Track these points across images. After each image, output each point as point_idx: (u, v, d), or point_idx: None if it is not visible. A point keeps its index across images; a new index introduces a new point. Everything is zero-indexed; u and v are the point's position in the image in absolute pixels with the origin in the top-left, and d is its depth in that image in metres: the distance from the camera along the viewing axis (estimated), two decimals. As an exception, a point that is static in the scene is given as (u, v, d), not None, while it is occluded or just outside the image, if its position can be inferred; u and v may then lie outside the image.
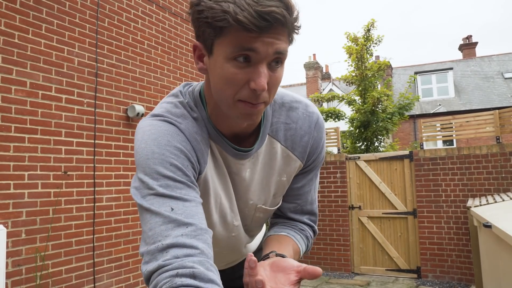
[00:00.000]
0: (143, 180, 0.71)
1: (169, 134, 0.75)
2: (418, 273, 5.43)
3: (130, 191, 0.77)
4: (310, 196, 0.97)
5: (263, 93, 0.69)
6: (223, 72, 0.68)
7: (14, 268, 2.76)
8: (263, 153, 0.87)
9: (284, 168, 0.90)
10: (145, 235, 0.68)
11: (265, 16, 0.62)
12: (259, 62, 0.66)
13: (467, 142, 14.16)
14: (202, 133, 0.80)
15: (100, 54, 3.57)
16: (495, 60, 18.29)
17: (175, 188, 0.70)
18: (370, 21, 9.28)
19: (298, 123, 0.88)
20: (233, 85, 0.68)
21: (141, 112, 3.76)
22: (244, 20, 0.61)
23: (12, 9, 2.88)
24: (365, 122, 8.73)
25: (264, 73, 0.67)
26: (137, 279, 3.74)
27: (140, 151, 0.74)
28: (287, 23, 0.65)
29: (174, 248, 0.64)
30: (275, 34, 0.65)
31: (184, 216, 0.67)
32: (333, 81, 19.38)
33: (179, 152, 0.74)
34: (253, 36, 0.64)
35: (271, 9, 0.62)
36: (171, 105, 0.81)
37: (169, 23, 4.39)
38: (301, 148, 0.89)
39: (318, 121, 0.90)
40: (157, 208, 0.68)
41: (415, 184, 5.49)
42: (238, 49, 0.65)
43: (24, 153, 2.91)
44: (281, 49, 0.67)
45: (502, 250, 2.61)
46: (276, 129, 0.87)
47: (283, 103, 0.88)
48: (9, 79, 2.85)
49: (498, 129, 6.55)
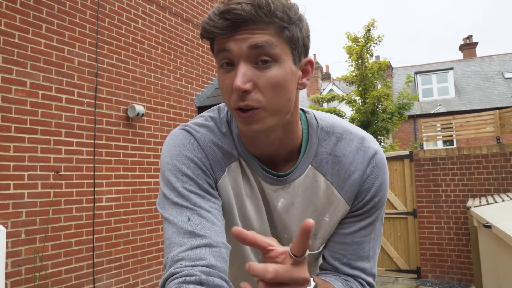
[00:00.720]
0: (162, 190, 0.75)
1: (182, 144, 0.76)
2: (418, 273, 5.43)
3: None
4: (361, 251, 0.78)
5: (252, 95, 0.64)
6: (218, 82, 0.70)
7: (14, 268, 2.76)
8: (303, 185, 0.78)
9: (327, 207, 0.79)
10: (164, 245, 0.71)
11: (225, 16, 0.62)
12: (237, 62, 0.65)
13: (467, 142, 14.15)
14: (227, 146, 0.79)
15: (100, 54, 3.57)
16: (495, 60, 18.29)
17: (190, 198, 0.72)
18: (371, 21, 9.28)
19: (349, 157, 0.77)
20: (225, 92, 0.68)
21: (141, 112, 3.76)
22: (207, 26, 0.64)
23: (12, 9, 2.88)
24: (365, 122, 8.73)
25: (242, 72, 0.63)
26: (136, 279, 3.74)
27: (160, 162, 0.78)
28: (256, 17, 0.62)
29: (185, 260, 0.65)
30: (248, 30, 0.63)
31: (200, 228, 0.69)
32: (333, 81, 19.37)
33: (189, 161, 0.75)
34: (226, 38, 0.65)
35: (230, 7, 0.62)
36: (202, 118, 0.83)
37: (169, 23, 4.39)
38: (348, 187, 0.77)
39: (375, 158, 0.77)
40: (174, 218, 0.70)
41: (415, 184, 5.49)
42: (217, 56, 0.67)
43: (24, 153, 2.91)
44: (257, 42, 0.63)
45: (502, 250, 2.61)
46: (321, 160, 0.78)
47: (333, 132, 0.79)
48: (9, 79, 2.85)
49: (498, 129, 6.55)
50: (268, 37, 0.63)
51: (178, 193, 0.72)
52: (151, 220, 3.96)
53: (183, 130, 0.79)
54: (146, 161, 3.95)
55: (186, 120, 4.53)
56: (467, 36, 20.79)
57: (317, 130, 0.79)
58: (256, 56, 0.64)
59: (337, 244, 0.80)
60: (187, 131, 0.79)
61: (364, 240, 0.79)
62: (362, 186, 0.77)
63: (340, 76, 9.89)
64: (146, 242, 3.88)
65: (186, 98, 4.57)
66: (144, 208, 3.89)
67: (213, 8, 0.66)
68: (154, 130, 4.08)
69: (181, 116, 4.47)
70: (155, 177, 4.05)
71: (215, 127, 0.80)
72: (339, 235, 0.80)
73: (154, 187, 4.03)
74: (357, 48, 9.13)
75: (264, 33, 0.63)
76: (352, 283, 0.78)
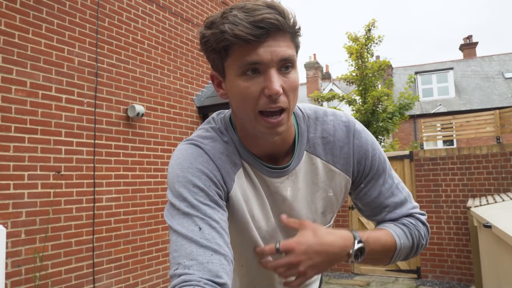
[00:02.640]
0: (171, 201, 0.76)
1: (192, 157, 0.79)
2: (418, 273, 5.43)
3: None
4: (397, 198, 0.88)
5: (281, 98, 0.70)
6: (237, 89, 0.72)
7: (14, 268, 2.76)
8: (303, 170, 0.85)
9: (329, 184, 0.87)
10: (171, 256, 0.71)
11: (259, 24, 0.66)
12: (267, 69, 0.69)
13: (467, 142, 14.15)
14: (232, 154, 0.82)
15: (100, 54, 3.56)
16: (495, 60, 18.28)
17: (200, 208, 0.73)
18: (371, 21, 9.28)
19: (336, 135, 0.86)
20: (250, 98, 0.71)
21: (141, 112, 3.76)
22: (240, 33, 0.66)
23: (12, 8, 2.88)
24: (365, 122, 8.73)
25: (276, 78, 0.69)
26: (136, 279, 3.74)
27: (168, 176, 0.79)
28: (284, 27, 0.69)
29: (198, 271, 0.66)
30: (275, 41, 0.69)
31: (211, 238, 0.70)
32: (333, 81, 19.37)
33: (200, 173, 0.77)
34: (254, 47, 0.68)
35: (263, 16, 0.66)
36: (203, 130, 0.86)
37: (169, 22, 4.39)
38: (342, 160, 0.86)
39: (355, 128, 0.87)
40: (184, 228, 0.71)
41: (415, 184, 5.49)
42: (244, 63, 0.69)
43: (24, 153, 2.91)
44: (286, 55, 0.69)
45: (502, 250, 2.61)
46: (313, 144, 0.86)
47: (316, 117, 0.88)
48: (9, 79, 2.85)
49: (498, 129, 6.55)
50: (290, 50, 0.71)
51: (188, 203, 0.73)
52: (151, 220, 3.96)
53: (191, 144, 0.81)
54: (146, 161, 3.95)
55: (186, 120, 4.53)
56: (467, 36, 20.79)
57: (304, 119, 0.87)
58: (282, 64, 0.70)
59: (377, 208, 0.89)
60: (194, 144, 0.81)
61: (392, 191, 0.88)
62: (357, 155, 0.86)
63: (340, 76, 9.89)
64: (146, 242, 3.88)
65: (186, 98, 4.56)
66: (144, 208, 3.89)
67: (230, 14, 0.67)
68: (154, 130, 4.08)
69: (181, 116, 4.47)
70: (155, 177, 4.05)
71: (218, 136, 0.83)
72: (372, 201, 0.88)
73: (154, 187, 4.03)
74: (357, 47, 9.13)
75: (286, 45, 0.70)
76: (401, 219, 0.88)
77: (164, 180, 4.14)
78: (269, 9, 0.67)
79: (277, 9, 0.68)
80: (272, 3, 0.69)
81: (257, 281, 0.96)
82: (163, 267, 4.06)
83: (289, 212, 0.87)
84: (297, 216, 0.88)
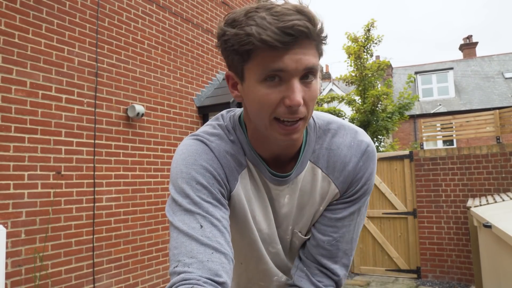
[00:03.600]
0: (174, 197, 0.75)
1: (197, 153, 0.78)
2: (418, 273, 5.43)
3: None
4: (348, 233, 0.86)
5: (300, 108, 0.68)
6: (256, 95, 0.69)
7: (14, 268, 2.76)
8: (303, 179, 0.84)
9: (324, 197, 0.86)
10: (171, 252, 0.71)
11: (288, 31, 0.63)
12: (290, 78, 0.67)
13: (467, 142, 14.15)
14: (237, 154, 0.81)
15: (100, 54, 3.56)
16: (495, 60, 18.29)
17: (203, 206, 0.73)
18: (370, 21, 9.28)
19: (343, 150, 0.83)
20: (268, 105, 0.69)
21: (141, 112, 3.76)
22: (268, 38, 0.62)
23: (12, 8, 2.88)
24: (365, 122, 8.73)
25: (298, 88, 0.67)
26: (136, 279, 3.74)
27: (172, 170, 0.78)
28: (312, 35, 0.66)
29: (198, 269, 0.66)
30: (302, 49, 0.65)
31: (212, 236, 0.70)
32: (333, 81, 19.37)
33: (204, 170, 0.76)
34: (280, 54, 0.65)
35: (293, 22, 0.62)
36: (210, 126, 0.85)
37: (169, 22, 4.39)
38: (343, 178, 0.83)
39: (367, 150, 0.83)
40: (185, 225, 0.71)
41: (415, 184, 5.49)
42: (267, 69, 0.66)
43: (24, 153, 2.91)
44: (310, 65, 0.66)
45: (502, 250, 2.61)
46: (318, 155, 0.84)
47: (328, 129, 0.85)
48: (9, 79, 2.85)
49: (498, 129, 6.55)
50: (315, 58, 0.68)
51: (191, 200, 0.73)
52: (151, 220, 3.96)
53: (196, 140, 0.80)
54: (146, 161, 3.95)
55: (186, 120, 4.53)
56: (467, 36, 20.78)
57: (315, 128, 0.85)
58: (305, 73, 0.68)
59: (329, 227, 0.86)
60: (200, 141, 0.80)
61: (350, 224, 0.86)
62: (355, 176, 0.83)
63: (340, 76, 9.89)
64: (146, 242, 3.88)
65: (186, 98, 4.56)
66: (144, 208, 3.89)
67: (257, 15, 0.64)
68: (154, 130, 4.08)
69: (181, 116, 4.47)
70: (155, 177, 4.05)
71: (224, 135, 0.82)
72: (331, 219, 0.86)
73: (154, 187, 4.03)
74: (355, 48, 9.13)
75: (311, 53, 0.67)
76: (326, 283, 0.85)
77: (164, 180, 4.14)
78: (299, 14, 0.64)
79: (307, 15, 0.65)
80: (301, 7, 0.65)
81: (256, 279, 0.97)
82: (163, 267, 4.06)
83: (285, 219, 0.87)
84: (291, 223, 0.88)
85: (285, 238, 0.91)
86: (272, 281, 0.95)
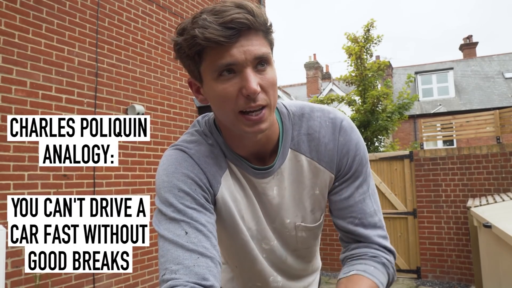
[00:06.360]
0: (159, 208, 0.77)
1: (177, 162, 0.79)
2: (418, 273, 5.43)
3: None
4: (366, 207, 0.84)
5: (260, 96, 0.70)
6: (215, 92, 0.72)
7: (14, 268, 2.76)
8: (288, 168, 0.85)
9: (315, 181, 0.86)
10: (159, 261, 0.73)
11: (229, 25, 0.66)
12: (242, 69, 0.69)
13: (467, 142, 14.16)
14: (217, 157, 0.82)
15: (100, 54, 3.57)
16: (495, 60, 18.29)
17: (187, 212, 0.74)
18: (370, 21, 9.29)
19: (321, 132, 0.84)
20: (228, 99, 0.70)
21: (141, 112, 3.76)
22: (211, 36, 0.65)
23: (12, 8, 2.88)
24: (365, 122, 8.73)
25: (252, 77, 0.68)
26: (136, 279, 3.74)
27: (156, 183, 0.81)
28: (254, 25, 0.68)
29: (185, 275, 0.68)
30: (248, 40, 0.68)
31: (197, 241, 0.71)
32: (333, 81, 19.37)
33: (186, 177, 0.77)
34: (227, 49, 0.67)
35: (233, 16, 0.65)
36: (188, 134, 0.87)
37: (169, 22, 4.39)
38: (327, 158, 0.84)
39: (342, 125, 0.84)
40: (170, 233, 0.72)
41: (415, 184, 5.49)
42: (218, 65, 0.69)
43: (24, 153, 2.91)
44: (260, 53, 0.69)
45: (502, 250, 2.61)
46: (298, 141, 0.84)
47: (302, 114, 0.86)
48: (9, 79, 2.85)
49: (498, 129, 6.56)
50: (264, 47, 0.70)
51: (175, 208, 0.74)
52: (151, 220, 3.96)
53: (176, 150, 0.82)
54: (146, 161, 3.95)
55: (186, 120, 4.53)
56: (467, 36, 20.78)
57: (289, 116, 0.85)
58: (257, 62, 0.70)
59: (343, 209, 0.85)
60: (179, 149, 0.82)
61: (364, 197, 0.85)
62: (340, 153, 0.83)
63: (340, 76, 9.89)
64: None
65: (186, 98, 4.57)
66: (144, 208, 3.89)
67: (200, 18, 0.67)
68: (154, 130, 4.08)
69: (181, 116, 4.47)
70: (155, 177, 4.04)
71: (203, 140, 0.84)
72: (341, 201, 0.85)
73: (154, 187, 4.03)
74: (356, 48, 9.13)
75: (259, 43, 0.70)
76: (379, 257, 0.82)
77: (164, 180, 4.14)
78: (238, 9, 0.67)
79: (246, 8, 0.67)
80: (240, 2, 0.68)
81: (252, 282, 0.97)
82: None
83: (277, 213, 0.88)
84: (285, 215, 0.88)
85: (285, 233, 0.91)
86: (268, 281, 0.95)
